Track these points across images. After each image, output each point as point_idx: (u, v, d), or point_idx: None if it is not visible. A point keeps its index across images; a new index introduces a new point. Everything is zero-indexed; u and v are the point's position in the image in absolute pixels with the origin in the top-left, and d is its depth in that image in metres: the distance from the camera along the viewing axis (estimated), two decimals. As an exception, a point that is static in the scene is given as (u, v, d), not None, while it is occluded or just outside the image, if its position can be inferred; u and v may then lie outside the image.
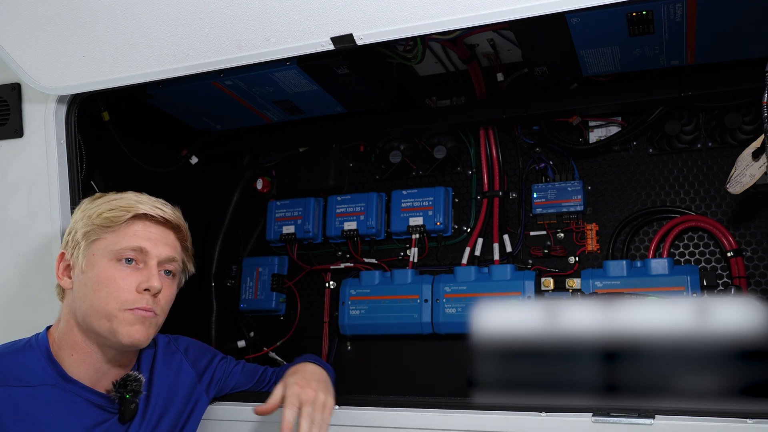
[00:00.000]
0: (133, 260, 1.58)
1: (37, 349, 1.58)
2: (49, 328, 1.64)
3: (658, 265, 2.20)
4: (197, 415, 1.80)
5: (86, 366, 1.58)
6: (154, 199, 1.67)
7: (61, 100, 2.02)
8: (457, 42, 2.36)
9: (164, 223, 1.63)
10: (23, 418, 1.47)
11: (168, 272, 1.64)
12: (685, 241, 2.32)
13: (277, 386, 1.67)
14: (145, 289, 1.55)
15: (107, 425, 1.58)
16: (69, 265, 1.61)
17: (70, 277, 1.61)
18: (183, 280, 1.74)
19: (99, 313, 1.54)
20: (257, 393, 1.94)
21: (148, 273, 1.57)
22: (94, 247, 1.58)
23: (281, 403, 1.62)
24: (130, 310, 1.54)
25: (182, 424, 1.75)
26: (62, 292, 1.64)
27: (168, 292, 1.63)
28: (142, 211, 1.60)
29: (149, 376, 1.70)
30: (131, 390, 1.60)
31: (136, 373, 1.64)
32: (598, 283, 2.23)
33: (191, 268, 1.74)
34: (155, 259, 1.59)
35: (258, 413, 1.65)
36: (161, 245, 1.61)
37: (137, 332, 1.54)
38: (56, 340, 1.60)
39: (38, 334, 1.63)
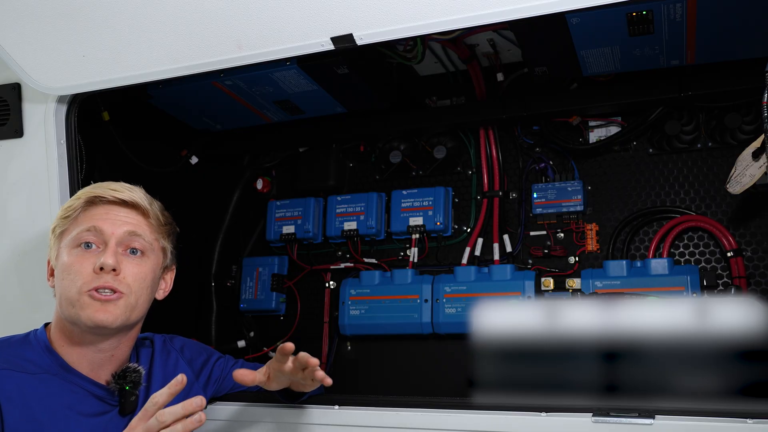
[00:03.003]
0: (92, 244, 1.57)
1: (35, 343, 1.59)
2: (47, 324, 1.65)
3: (658, 265, 2.20)
4: None
5: (82, 357, 1.58)
6: (112, 183, 1.67)
7: (61, 100, 2.02)
8: (457, 42, 2.36)
9: (121, 203, 1.63)
10: (26, 402, 1.47)
11: (134, 251, 1.62)
12: (685, 241, 2.32)
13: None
14: (101, 268, 1.54)
15: (108, 417, 1.59)
16: (53, 267, 1.64)
17: (54, 277, 1.63)
18: (167, 260, 1.72)
19: (66, 300, 1.55)
20: (257, 393, 1.94)
21: (104, 252, 1.56)
22: (61, 240, 1.61)
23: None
24: (89, 291, 1.53)
25: (179, 423, 1.75)
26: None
27: (135, 270, 1.59)
28: (93, 195, 1.62)
29: (147, 375, 1.70)
30: (131, 381, 1.61)
31: (135, 364, 1.65)
32: (598, 283, 2.23)
33: (166, 244, 1.70)
34: (113, 237, 1.58)
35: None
36: (119, 223, 1.60)
37: (97, 313, 1.53)
38: (52, 335, 1.61)
39: (35, 330, 1.64)
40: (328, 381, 1.64)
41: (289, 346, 1.58)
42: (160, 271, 1.69)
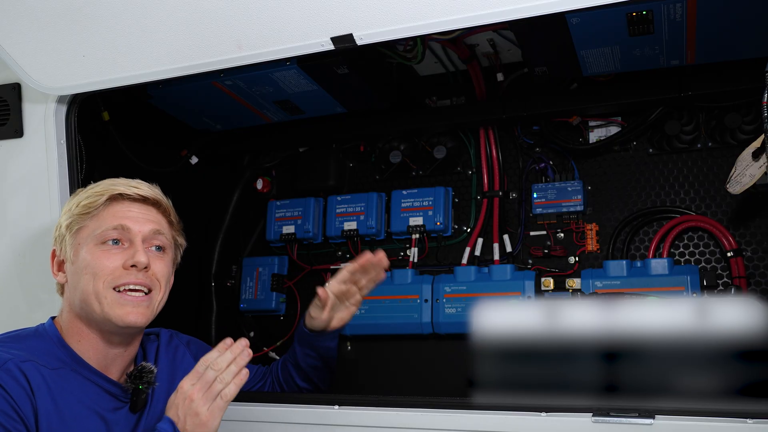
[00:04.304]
0: (118, 241, 1.58)
1: (46, 337, 1.59)
2: (53, 318, 1.65)
3: (658, 265, 2.20)
4: None
5: (94, 352, 1.59)
6: (129, 180, 1.68)
7: (61, 100, 2.02)
8: (457, 42, 2.36)
9: (142, 200, 1.64)
10: (51, 394, 1.48)
11: (158, 248, 1.64)
12: (685, 241, 2.32)
13: None
14: (132, 265, 1.55)
15: (121, 413, 1.60)
16: (62, 261, 1.63)
17: (63, 272, 1.62)
18: (178, 256, 1.75)
19: (90, 296, 1.55)
20: (256, 393, 1.94)
21: (134, 249, 1.57)
22: (79, 236, 1.60)
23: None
24: (119, 291, 1.54)
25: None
26: (61, 287, 1.65)
27: (161, 267, 1.62)
28: (117, 192, 1.62)
29: None
30: (146, 381, 1.62)
31: (150, 364, 1.66)
32: (598, 283, 2.23)
33: (182, 241, 1.74)
34: (139, 235, 1.59)
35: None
36: (143, 221, 1.61)
37: (128, 314, 1.55)
38: (64, 330, 1.61)
39: (43, 324, 1.63)
40: (385, 262, 1.89)
41: (370, 255, 1.87)
42: (174, 267, 1.72)
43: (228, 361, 1.48)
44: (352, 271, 1.86)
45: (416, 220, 2.53)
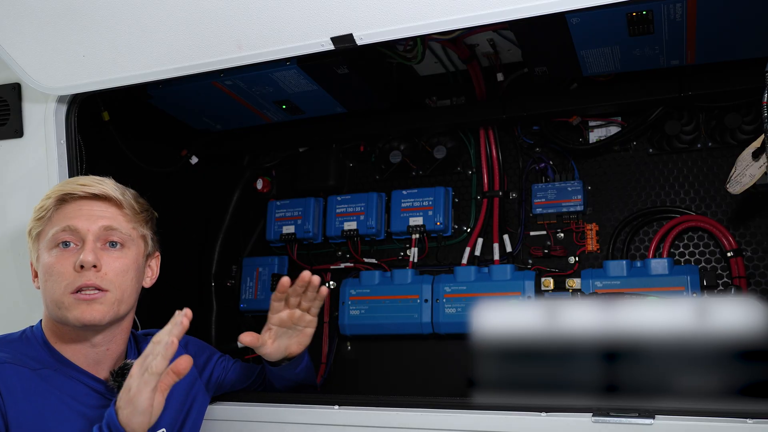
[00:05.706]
0: (69, 242, 1.57)
1: (33, 339, 1.60)
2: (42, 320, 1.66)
3: (658, 265, 2.20)
4: (196, 409, 1.80)
5: (78, 353, 1.59)
6: (80, 177, 1.66)
7: (61, 100, 2.02)
8: (457, 42, 2.36)
9: (92, 197, 1.61)
10: (29, 397, 1.48)
11: (114, 244, 1.61)
12: (685, 241, 2.32)
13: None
14: (82, 266, 1.53)
15: None
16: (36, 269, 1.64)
17: (37, 277, 1.63)
18: (151, 247, 1.71)
19: (53, 302, 1.55)
20: (256, 393, 1.94)
21: (83, 249, 1.56)
22: (39, 241, 1.61)
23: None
24: (74, 293, 1.53)
25: (182, 420, 1.75)
26: None
27: (116, 265, 1.59)
28: (63, 192, 1.60)
29: None
30: None
31: (133, 361, 1.65)
32: (598, 283, 2.23)
33: (145, 232, 1.69)
34: (89, 234, 1.57)
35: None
36: (94, 219, 1.58)
37: (83, 313, 1.53)
38: (46, 333, 1.62)
39: (31, 326, 1.64)
40: (324, 291, 1.77)
41: (286, 280, 1.70)
42: (143, 259, 1.69)
43: (166, 332, 1.39)
44: (277, 300, 1.76)
45: (416, 220, 2.53)
